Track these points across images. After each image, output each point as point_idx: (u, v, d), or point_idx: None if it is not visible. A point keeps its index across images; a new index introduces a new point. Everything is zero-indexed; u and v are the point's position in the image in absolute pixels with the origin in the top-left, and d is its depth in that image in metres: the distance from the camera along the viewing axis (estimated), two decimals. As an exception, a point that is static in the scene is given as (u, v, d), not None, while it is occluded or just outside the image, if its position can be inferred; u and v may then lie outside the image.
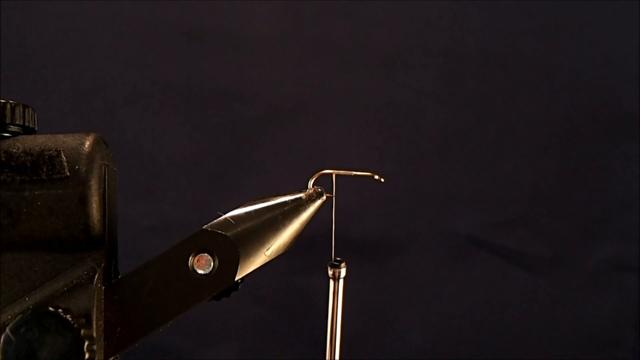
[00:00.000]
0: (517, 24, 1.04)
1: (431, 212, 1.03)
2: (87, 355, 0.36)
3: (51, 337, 0.36)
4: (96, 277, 0.39)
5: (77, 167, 0.39)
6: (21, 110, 0.41)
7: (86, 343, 0.36)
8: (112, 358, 0.39)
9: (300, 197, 0.41)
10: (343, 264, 0.43)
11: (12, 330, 0.36)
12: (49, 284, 0.39)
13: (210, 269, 0.39)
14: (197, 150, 1.02)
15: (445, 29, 1.04)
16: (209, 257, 0.39)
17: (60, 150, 0.39)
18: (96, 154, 0.40)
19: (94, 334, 0.37)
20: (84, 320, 0.37)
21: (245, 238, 0.39)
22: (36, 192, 0.38)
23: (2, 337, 0.36)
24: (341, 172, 0.43)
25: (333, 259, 0.43)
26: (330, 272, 0.43)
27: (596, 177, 1.04)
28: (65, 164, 0.39)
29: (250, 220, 0.40)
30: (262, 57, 1.03)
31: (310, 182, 0.42)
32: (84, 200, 0.39)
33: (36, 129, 0.42)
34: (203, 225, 0.40)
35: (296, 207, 0.41)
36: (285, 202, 0.41)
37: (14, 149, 0.39)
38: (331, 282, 0.43)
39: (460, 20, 1.04)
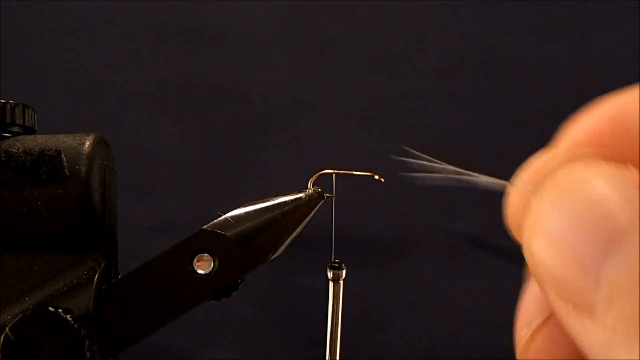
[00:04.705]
0: (517, 24, 1.04)
1: (431, 212, 1.03)
2: (87, 355, 0.36)
3: (51, 337, 0.36)
4: (96, 277, 0.39)
5: (77, 167, 0.39)
6: (21, 110, 0.41)
7: (86, 343, 0.36)
8: (112, 358, 0.39)
9: (300, 197, 0.41)
10: (343, 266, 0.43)
11: (12, 330, 0.36)
12: (49, 284, 0.39)
13: (210, 269, 0.39)
14: (197, 150, 1.02)
15: (445, 29, 1.04)
16: (209, 257, 0.39)
17: (60, 150, 0.39)
18: (96, 154, 0.40)
19: (94, 334, 0.37)
20: (84, 320, 0.37)
21: (245, 238, 0.39)
22: (36, 192, 0.38)
23: (2, 337, 0.36)
24: (341, 172, 0.43)
25: (333, 261, 0.43)
26: (330, 274, 0.43)
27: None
28: (65, 164, 0.39)
29: (250, 220, 0.40)
30: (262, 57, 1.03)
31: (310, 182, 0.42)
32: (84, 200, 0.38)
33: (36, 129, 0.42)
34: (203, 225, 0.40)
35: (296, 207, 0.41)
36: (285, 202, 0.41)
37: (14, 149, 0.39)
38: (331, 285, 0.43)
39: (460, 20, 1.04)
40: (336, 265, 0.43)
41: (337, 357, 0.43)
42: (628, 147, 0.21)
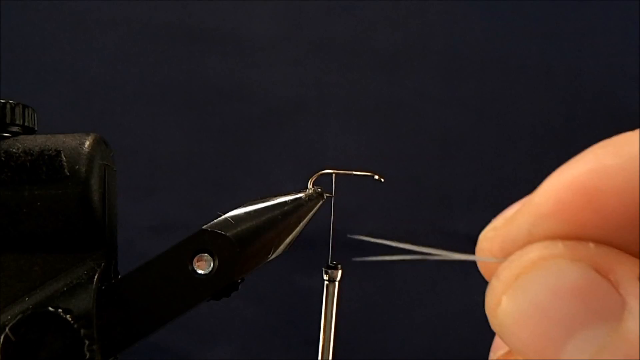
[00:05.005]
0: (517, 24, 1.04)
1: (431, 212, 1.03)
2: (87, 355, 0.36)
3: (51, 337, 0.36)
4: (96, 277, 0.39)
5: (77, 167, 0.39)
6: (21, 110, 0.41)
7: (86, 343, 0.36)
8: (111, 358, 0.39)
9: (300, 197, 0.41)
10: (338, 267, 0.43)
11: (12, 330, 0.36)
12: (49, 284, 0.38)
13: (210, 269, 0.39)
14: (197, 150, 1.02)
15: (445, 29, 1.04)
16: (209, 257, 0.39)
17: (60, 151, 0.39)
18: (96, 154, 0.40)
19: (94, 334, 0.37)
20: (84, 320, 0.37)
21: (245, 238, 0.39)
22: (36, 192, 0.38)
23: (2, 337, 0.36)
24: (341, 172, 0.43)
25: (329, 262, 0.43)
26: (325, 276, 0.43)
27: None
28: (65, 164, 0.39)
29: (250, 220, 0.40)
30: (262, 57, 1.03)
31: (310, 182, 0.42)
32: (84, 200, 0.38)
33: (36, 129, 0.42)
34: (203, 225, 0.40)
35: (296, 207, 0.41)
36: (285, 202, 0.41)
37: (14, 149, 0.39)
38: (326, 285, 0.43)
39: (460, 21, 1.04)
40: (331, 266, 0.43)
41: (330, 359, 0.43)
42: (597, 214, 0.21)
